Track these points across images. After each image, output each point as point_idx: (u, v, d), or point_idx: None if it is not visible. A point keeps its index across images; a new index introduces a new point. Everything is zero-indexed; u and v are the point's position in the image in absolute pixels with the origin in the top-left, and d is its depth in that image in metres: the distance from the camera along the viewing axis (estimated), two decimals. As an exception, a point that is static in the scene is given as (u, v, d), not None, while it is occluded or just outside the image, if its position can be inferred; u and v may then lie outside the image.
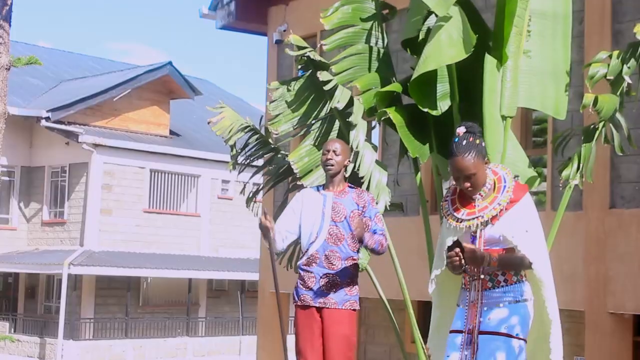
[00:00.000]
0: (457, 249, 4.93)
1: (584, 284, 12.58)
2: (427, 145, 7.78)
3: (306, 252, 6.12)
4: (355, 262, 6.15)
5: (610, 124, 7.32)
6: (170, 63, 32.13)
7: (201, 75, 77.58)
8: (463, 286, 5.18)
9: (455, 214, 5.08)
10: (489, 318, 5.01)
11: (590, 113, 7.26)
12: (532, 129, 14.42)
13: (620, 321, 12.39)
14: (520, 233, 4.98)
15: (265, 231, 6.05)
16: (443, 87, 7.52)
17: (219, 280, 32.41)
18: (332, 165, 6.15)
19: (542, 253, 5.11)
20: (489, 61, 7.17)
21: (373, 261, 8.58)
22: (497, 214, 4.98)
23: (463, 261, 4.92)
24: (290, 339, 6.23)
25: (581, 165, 7.25)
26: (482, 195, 5.04)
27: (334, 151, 6.16)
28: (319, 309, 6.07)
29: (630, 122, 11.83)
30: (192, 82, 33.12)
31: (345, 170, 6.44)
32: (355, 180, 7.42)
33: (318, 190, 6.25)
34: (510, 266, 5.03)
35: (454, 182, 5.15)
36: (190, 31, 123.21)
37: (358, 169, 7.65)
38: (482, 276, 5.04)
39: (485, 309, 5.02)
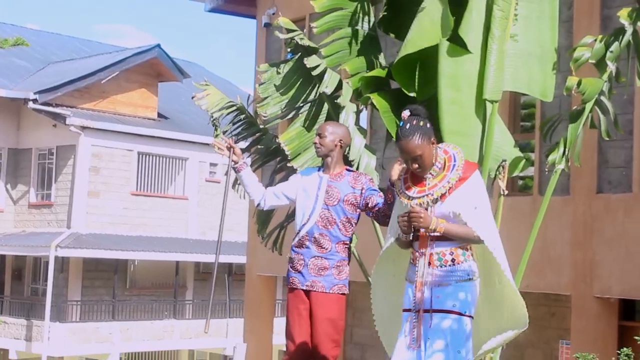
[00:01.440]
0: (407, 213, 5.11)
1: (571, 268, 12.64)
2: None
3: (298, 233, 6.11)
4: (347, 246, 6.11)
5: (597, 109, 7.33)
6: (158, 46, 32.01)
7: (190, 58, 77.29)
8: (411, 262, 5.28)
9: (406, 192, 5.24)
10: (437, 296, 5.11)
11: (574, 95, 7.27)
12: (520, 113, 14.45)
13: (606, 305, 12.46)
14: (468, 209, 5.12)
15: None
16: (429, 72, 7.49)
17: (206, 263, 32.38)
18: (318, 149, 6.15)
19: (492, 229, 5.24)
20: (443, 46, 7.17)
21: (360, 244, 8.59)
22: (446, 192, 5.13)
23: (413, 223, 5.09)
24: (280, 322, 6.24)
25: (567, 149, 7.26)
26: (432, 175, 5.18)
27: (319, 134, 6.15)
28: (307, 292, 6.07)
29: (618, 108, 11.88)
30: (181, 65, 33.01)
31: (344, 150, 6.34)
32: (344, 164, 7.43)
33: (318, 171, 6.23)
34: (456, 235, 5.15)
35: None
36: (179, 14, 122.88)
37: (348, 153, 7.66)
38: (430, 251, 5.15)
39: (433, 286, 5.14)
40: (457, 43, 7.21)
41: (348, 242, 6.12)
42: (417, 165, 5.13)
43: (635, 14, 7.16)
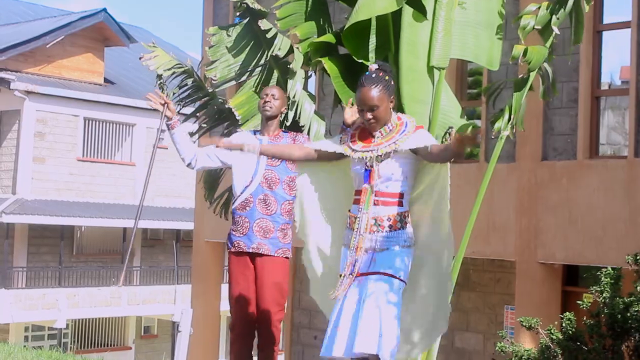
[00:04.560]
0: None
1: (515, 234, 12.78)
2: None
3: (240, 195, 6.13)
4: (291, 205, 6.16)
5: (539, 74, 7.39)
6: (104, 10, 31.62)
7: (136, 23, 76.44)
8: (348, 226, 5.23)
9: (351, 144, 5.23)
10: (373, 260, 5.08)
11: (520, 64, 7.33)
12: (467, 80, 14.53)
13: (550, 271, 12.64)
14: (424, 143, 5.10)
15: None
16: (378, 37, 7.49)
17: (154, 230, 32.28)
18: (270, 108, 6.21)
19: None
20: (407, 12, 7.17)
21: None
22: (391, 152, 5.11)
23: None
24: (225, 288, 6.24)
25: (512, 116, 7.32)
26: (382, 134, 5.17)
27: (272, 95, 6.25)
28: (252, 256, 6.10)
29: (564, 76, 12.00)
30: (127, 30, 32.64)
31: (285, 118, 6.42)
32: (295, 129, 7.44)
33: (254, 134, 6.27)
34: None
35: (359, 117, 5.24)
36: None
37: (299, 118, 7.68)
38: (367, 216, 5.10)
39: (369, 252, 5.11)
40: (418, 9, 7.23)
41: (292, 202, 6.15)
42: (371, 117, 5.09)
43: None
